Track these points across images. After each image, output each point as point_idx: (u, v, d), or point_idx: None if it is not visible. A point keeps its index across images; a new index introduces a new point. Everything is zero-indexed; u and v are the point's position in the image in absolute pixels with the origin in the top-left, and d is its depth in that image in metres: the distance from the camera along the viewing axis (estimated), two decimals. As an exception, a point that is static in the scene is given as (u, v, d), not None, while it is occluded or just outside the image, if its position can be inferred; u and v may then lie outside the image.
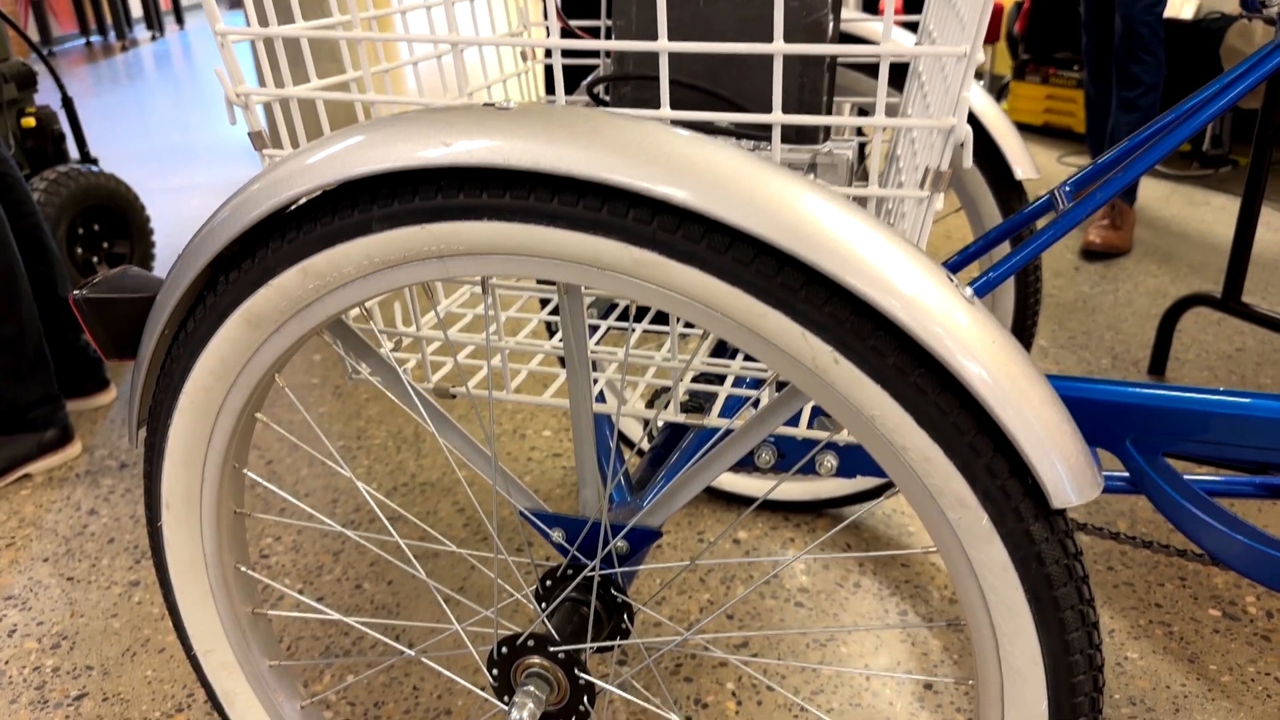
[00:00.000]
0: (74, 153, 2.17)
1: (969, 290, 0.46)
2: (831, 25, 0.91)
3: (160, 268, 2.30)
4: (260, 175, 0.53)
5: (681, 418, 0.65)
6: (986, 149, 1.04)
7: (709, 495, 1.36)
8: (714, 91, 0.90)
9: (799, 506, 1.33)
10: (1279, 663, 1.02)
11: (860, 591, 1.15)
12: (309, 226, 0.52)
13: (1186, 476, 0.77)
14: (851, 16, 1.04)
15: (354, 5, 0.58)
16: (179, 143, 3.92)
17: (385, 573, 1.23)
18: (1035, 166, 1.03)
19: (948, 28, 0.61)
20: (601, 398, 0.75)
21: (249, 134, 0.60)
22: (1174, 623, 1.08)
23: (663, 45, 0.50)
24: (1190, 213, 2.61)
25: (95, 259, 2.07)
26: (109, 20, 7.54)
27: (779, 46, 0.49)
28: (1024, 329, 1.11)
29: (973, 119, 1.02)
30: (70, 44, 7.44)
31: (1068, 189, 0.78)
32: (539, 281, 0.86)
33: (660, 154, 0.46)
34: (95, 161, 2.12)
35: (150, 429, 0.64)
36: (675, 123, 0.77)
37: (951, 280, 0.46)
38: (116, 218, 2.09)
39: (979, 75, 4.48)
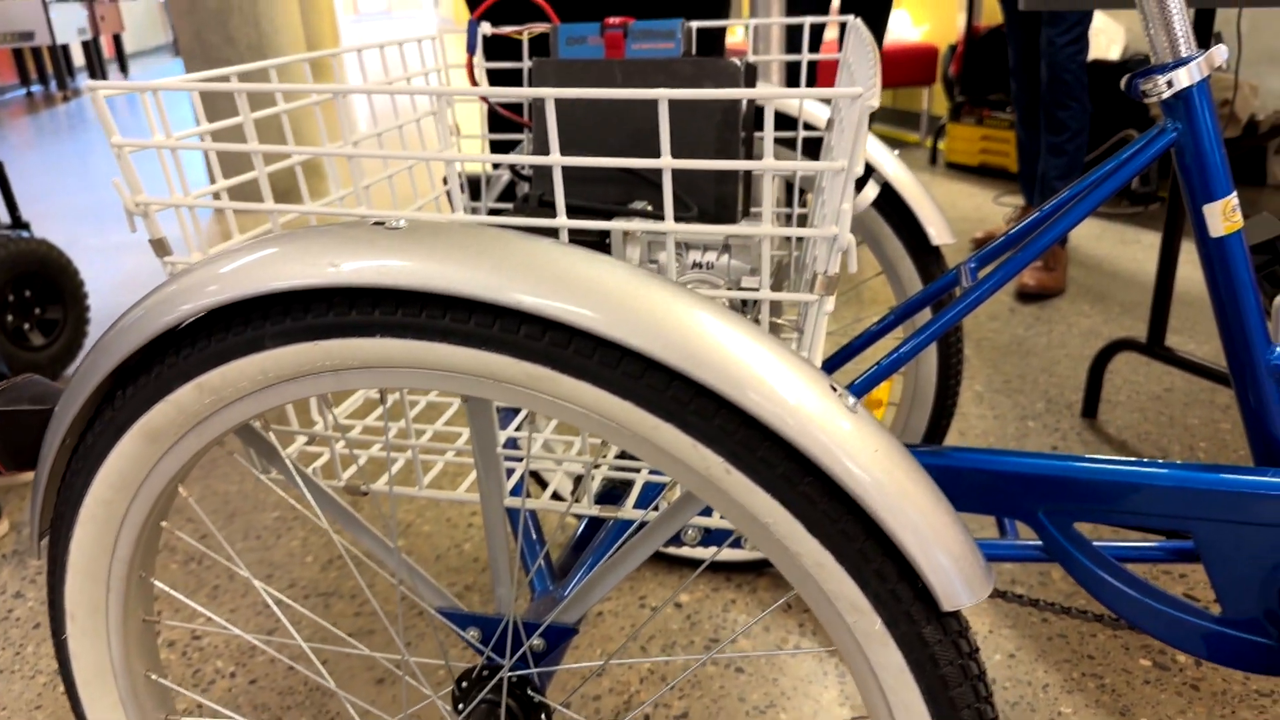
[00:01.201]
0: (4, 217, 2.13)
1: (851, 399, 0.47)
2: (745, 107, 0.93)
3: (96, 328, 2.25)
4: (155, 290, 0.53)
5: (595, 510, 0.65)
6: (903, 216, 1.07)
7: (653, 557, 1.36)
8: (635, 172, 0.91)
9: (741, 566, 1.33)
10: (1207, 712, 1.04)
11: (800, 655, 1.15)
12: (203, 343, 0.52)
13: (1100, 543, 0.79)
14: (772, 92, 1.06)
15: (245, 106, 0.58)
16: (119, 198, 3.87)
17: (305, 677, 1.20)
18: (950, 231, 1.06)
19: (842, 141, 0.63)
20: (519, 490, 0.75)
21: (150, 241, 0.60)
22: (1106, 675, 1.09)
23: (555, 160, 0.51)
24: (1121, 251, 2.69)
25: (27, 326, 2.02)
26: (50, 70, 7.45)
27: (666, 161, 0.51)
28: (946, 389, 1.13)
29: (888, 187, 1.05)
30: (10, 94, 7.33)
31: (973, 265, 0.80)
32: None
33: (548, 274, 0.46)
34: (26, 226, 2.08)
35: (53, 541, 0.62)
36: (578, 224, 0.78)
37: (834, 389, 0.47)
38: (49, 284, 2.05)
39: (917, 116, 4.60)
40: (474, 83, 0.98)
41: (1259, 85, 3.25)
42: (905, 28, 4.51)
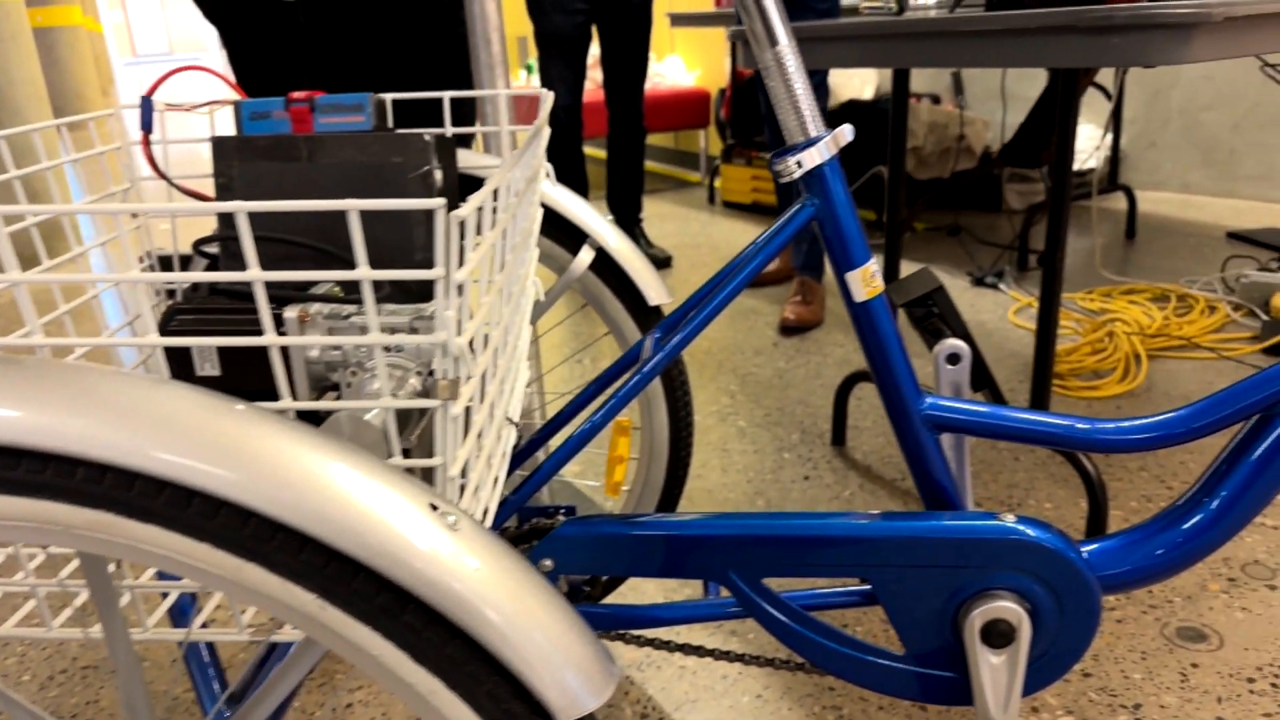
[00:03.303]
0: None
1: (453, 516, 0.46)
2: (441, 178, 0.91)
3: None
4: None
5: (179, 633, 0.61)
6: (620, 279, 1.09)
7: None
8: (318, 247, 0.88)
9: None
10: (930, 729, 1.10)
11: None
12: None
13: (791, 594, 0.82)
14: (475, 163, 1.05)
15: None
16: None
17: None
18: (667, 292, 1.08)
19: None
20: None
21: None
22: (844, 705, 1.14)
23: (240, 206, 0.47)
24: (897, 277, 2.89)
25: None
26: None
27: (365, 273, 0.48)
28: (680, 442, 1.16)
29: (603, 255, 1.07)
30: None
31: (657, 335, 0.82)
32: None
33: (102, 411, 0.42)
34: None
35: None
36: (272, 285, 0.73)
37: (435, 507, 0.45)
38: None
39: (695, 157, 4.79)
40: (151, 162, 0.92)
41: (990, 120, 3.60)
42: (679, 73, 4.70)
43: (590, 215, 1.07)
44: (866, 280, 0.75)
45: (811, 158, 0.71)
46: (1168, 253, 2.87)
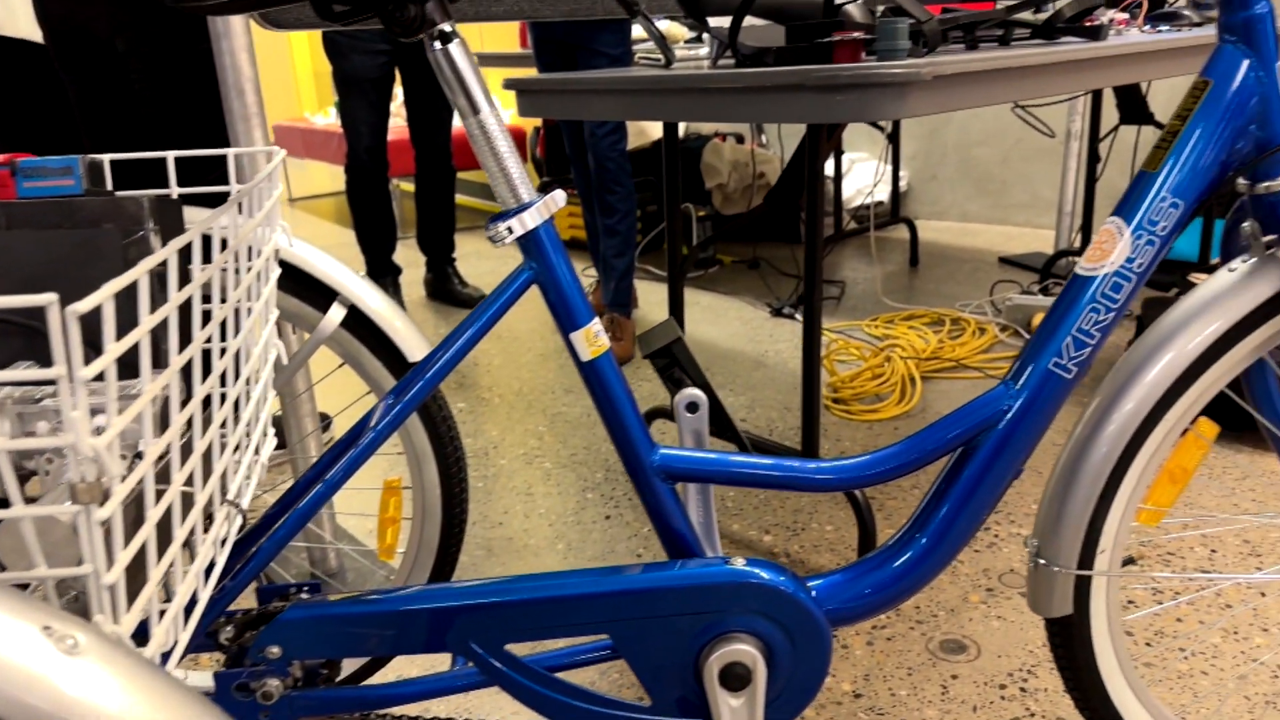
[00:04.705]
0: None
1: (73, 639, 0.42)
2: (159, 243, 0.86)
3: None
4: None
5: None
6: (377, 336, 1.06)
7: None
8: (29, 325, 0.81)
9: None
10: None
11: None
12: None
13: (535, 656, 0.82)
14: (216, 222, 1.00)
15: None
16: None
17: None
18: (427, 346, 1.06)
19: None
20: None
21: None
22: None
23: None
24: (684, 313, 2.96)
25: None
26: None
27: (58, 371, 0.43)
28: (453, 498, 1.14)
29: (357, 312, 1.04)
30: None
31: (389, 401, 0.80)
32: None
33: None
34: None
35: None
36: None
37: (50, 629, 0.41)
38: None
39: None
40: None
41: (783, 157, 3.79)
42: (495, 109, 4.69)
43: (339, 271, 1.04)
44: (590, 340, 0.76)
45: (524, 222, 0.72)
46: (946, 279, 3.10)
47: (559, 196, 0.73)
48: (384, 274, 3.06)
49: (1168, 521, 1.60)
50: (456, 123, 4.47)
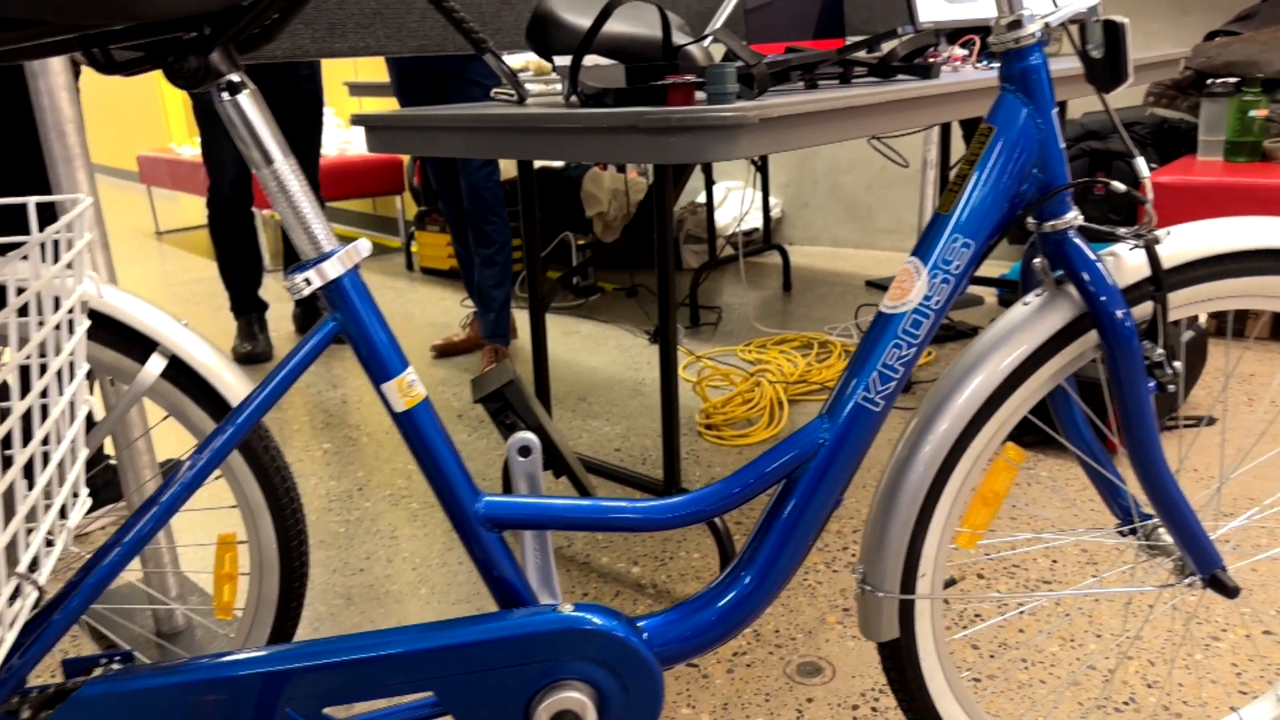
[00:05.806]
0: None
1: None
2: None
3: None
4: None
5: None
6: (200, 385, 1.02)
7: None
8: None
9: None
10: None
11: None
12: None
13: (359, 717, 0.79)
14: (19, 274, 0.94)
15: None
16: None
17: None
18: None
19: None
20: None
21: None
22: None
23: None
24: (564, 341, 2.96)
25: None
26: None
27: None
28: (289, 549, 1.10)
29: (178, 362, 0.99)
30: None
31: (196, 454, 0.77)
32: None
33: None
34: None
35: None
36: None
37: None
38: None
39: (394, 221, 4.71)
40: None
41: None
42: (371, 138, 4.61)
43: (159, 320, 1.00)
44: (404, 390, 0.75)
45: (323, 273, 0.70)
46: (817, 302, 3.20)
47: (363, 246, 0.72)
48: (249, 310, 2.95)
49: (1016, 536, 1.68)
50: (326, 150, 4.37)
